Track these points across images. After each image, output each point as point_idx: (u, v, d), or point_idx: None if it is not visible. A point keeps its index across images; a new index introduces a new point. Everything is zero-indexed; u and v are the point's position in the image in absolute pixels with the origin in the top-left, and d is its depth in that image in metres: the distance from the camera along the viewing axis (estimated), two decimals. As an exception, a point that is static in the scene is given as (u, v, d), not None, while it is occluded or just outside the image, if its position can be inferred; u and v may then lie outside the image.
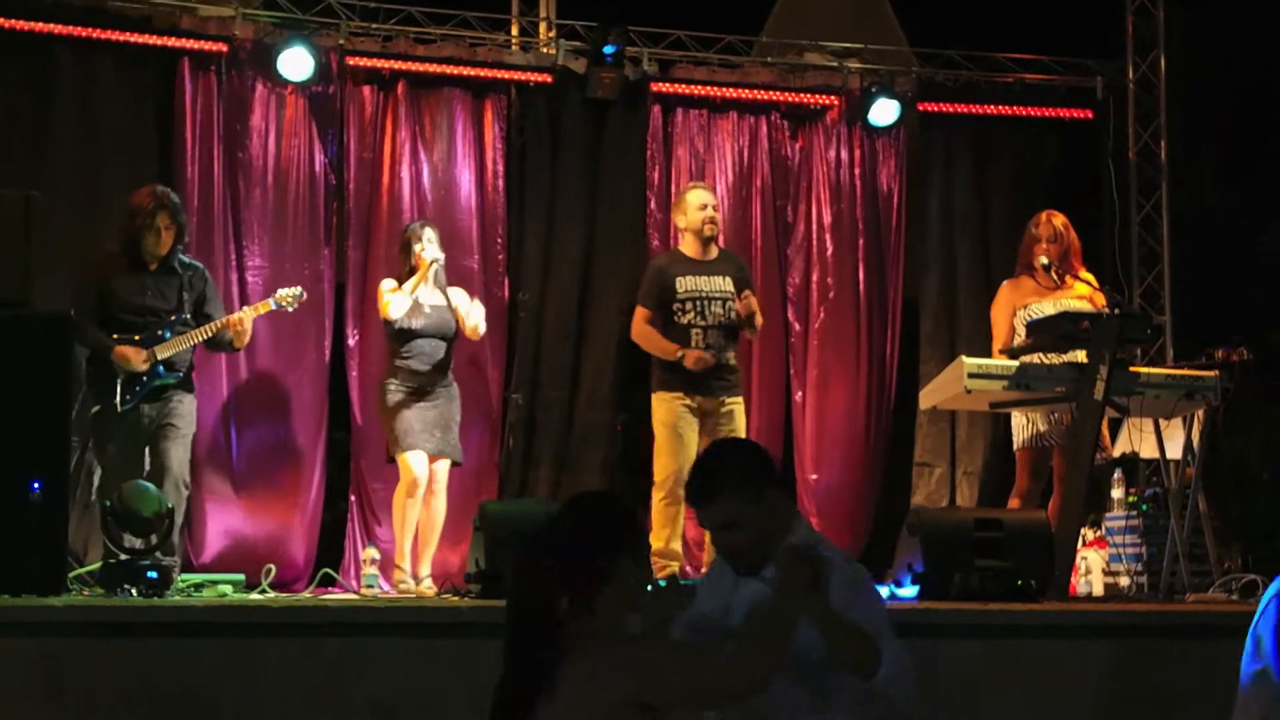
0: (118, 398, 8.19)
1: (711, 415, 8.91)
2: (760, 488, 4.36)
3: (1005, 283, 9.14)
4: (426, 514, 8.89)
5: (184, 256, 8.64)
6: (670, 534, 8.79)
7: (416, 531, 8.89)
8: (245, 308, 8.88)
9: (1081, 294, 8.84)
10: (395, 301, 8.83)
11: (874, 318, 11.07)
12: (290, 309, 8.99)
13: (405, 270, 8.98)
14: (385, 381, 8.93)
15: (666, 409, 8.93)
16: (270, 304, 8.84)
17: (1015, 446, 8.92)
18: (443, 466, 8.93)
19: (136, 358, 8.19)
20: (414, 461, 8.76)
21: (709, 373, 8.88)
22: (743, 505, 4.33)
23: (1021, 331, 8.78)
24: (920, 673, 4.52)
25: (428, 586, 8.74)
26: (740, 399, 9.10)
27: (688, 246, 9.12)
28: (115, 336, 8.24)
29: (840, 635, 4.19)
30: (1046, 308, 8.71)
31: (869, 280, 11.08)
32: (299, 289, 8.98)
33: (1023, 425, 8.81)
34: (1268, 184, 11.67)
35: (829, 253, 11.05)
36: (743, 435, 9.00)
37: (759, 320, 9.14)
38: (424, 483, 8.79)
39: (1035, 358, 8.49)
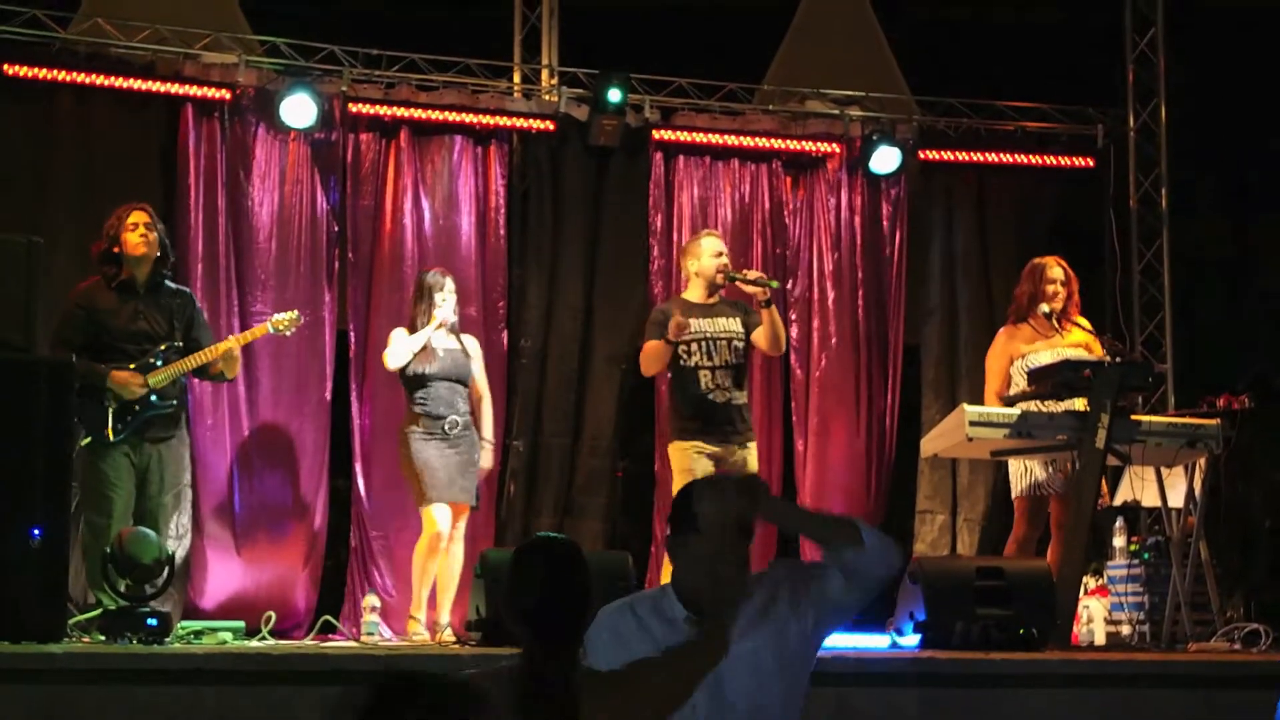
0: (109, 427, 8.16)
1: (726, 465, 8.73)
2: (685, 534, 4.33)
3: (1002, 330, 9.15)
4: (447, 562, 8.83)
5: (169, 283, 8.64)
6: None
7: (434, 581, 8.85)
8: (233, 335, 8.86)
9: (1078, 341, 8.85)
10: (392, 353, 8.83)
11: (875, 365, 11.06)
12: (287, 333, 8.96)
13: (419, 313, 8.96)
14: (406, 430, 8.87)
15: (683, 457, 8.72)
16: (267, 328, 8.82)
17: (1013, 494, 8.91)
18: (462, 514, 8.90)
19: (134, 382, 8.16)
20: (438, 515, 8.71)
21: (721, 417, 8.72)
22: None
23: (1019, 379, 8.78)
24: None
25: (449, 635, 8.66)
26: (754, 445, 8.92)
27: (693, 292, 9.01)
28: (106, 364, 8.21)
29: (814, 523, 4.53)
30: (1044, 355, 8.72)
31: (870, 327, 11.08)
32: (295, 313, 8.98)
33: (1020, 474, 8.80)
34: (1269, 232, 11.67)
35: (830, 300, 11.06)
36: None
37: (765, 275, 9.06)
38: (446, 536, 8.76)
39: (1034, 405, 8.48)
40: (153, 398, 8.25)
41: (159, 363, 8.30)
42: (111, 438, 8.16)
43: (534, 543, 4.19)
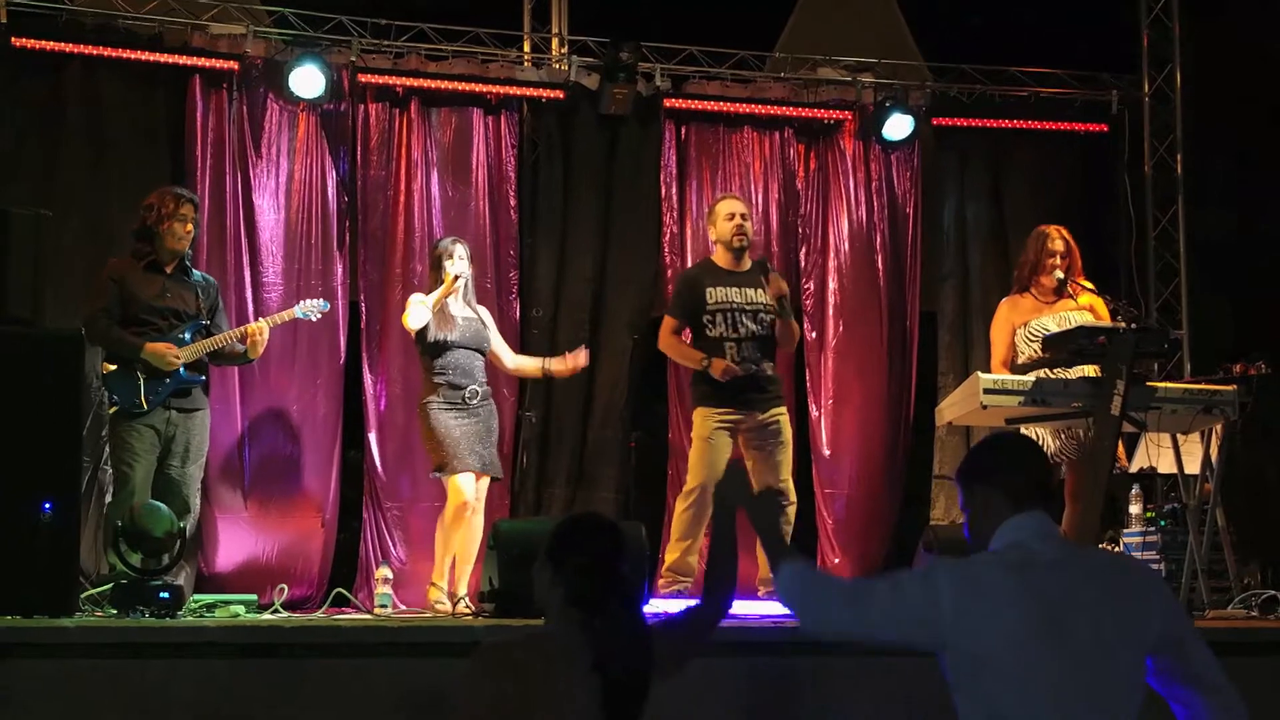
0: (141, 396, 8.17)
1: (756, 430, 8.73)
2: (969, 485, 4.39)
3: (1003, 301, 9.06)
4: (468, 532, 8.77)
5: (195, 270, 8.65)
6: (689, 546, 8.64)
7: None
8: (265, 318, 8.87)
9: (1083, 305, 8.80)
10: (413, 312, 8.77)
11: (891, 332, 11.04)
12: (314, 318, 8.99)
13: (434, 286, 8.93)
14: (426, 401, 8.78)
15: (704, 423, 8.72)
16: (295, 312, 8.86)
17: None
18: (484, 484, 8.85)
19: (169, 354, 8.17)
20: (464, 484, 8.63)
21: (748, 386, 8.71)
22: (963, 497, 4.42)
23: (1024, 347, 8.74)
24: (935, 692, 4.44)
25: (465, 605, 8.62)
26: (784, 410, 8.90)
27: (720, 258, 8.95)
28: (140, 337, 8.24)
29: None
30: (1049, 323, 8.66)
31: (885, 294, 11.06)
32: (323, 300, 9.02)
33: None
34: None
35: (845, 267, 11.03)
36: (789, 447, 8.87)
37: (786, 299, 9.05)
38: (473, 504, 8.72)
39: (1043, 373, 8.43)
40: (181, 371, 8.27)
41: (187, 337, 8.33)
42: (145, 407, 8.18)
43: (575, 518, 4.50)
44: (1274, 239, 11.50)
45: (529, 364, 9.32)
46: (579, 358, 9.25)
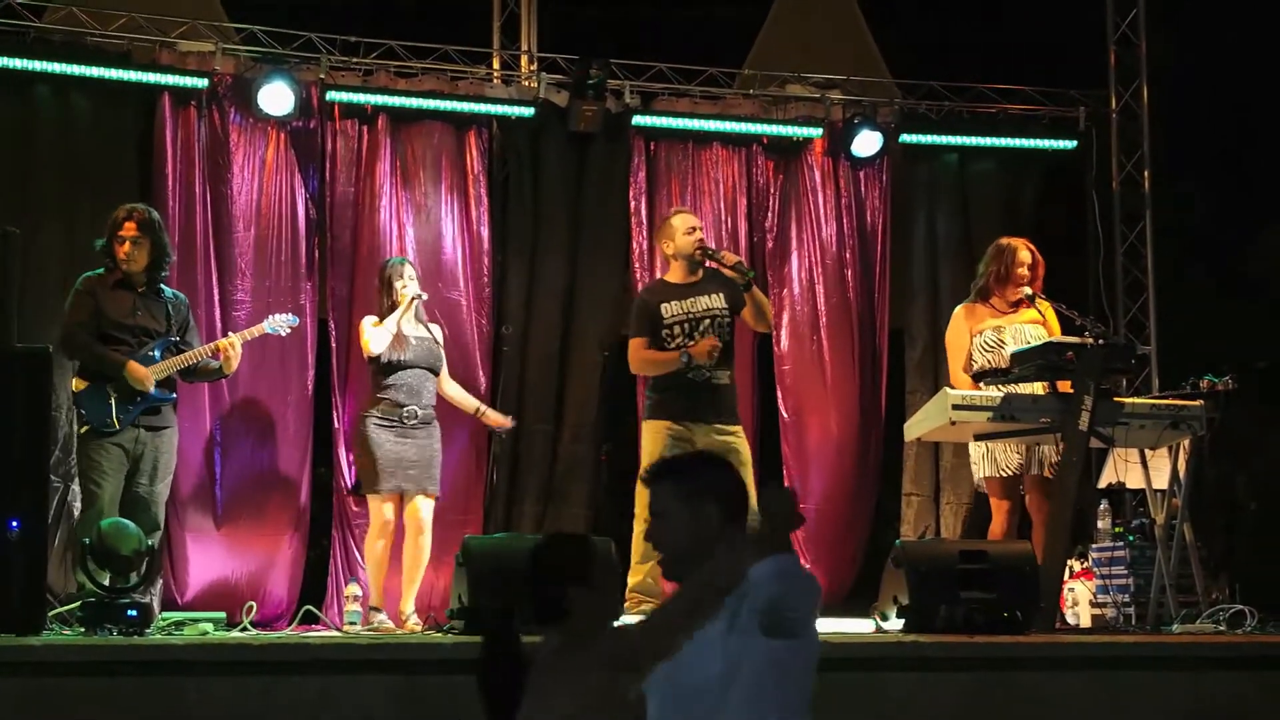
0: (113, 415, 8.15)
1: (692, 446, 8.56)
2: (700, 497, 4.27)
3: (960, 308, 9.10)
4: (412, 551, 8.78)
5: (166, 287, 8.62)
6: (651, 568, 8.58)
7: (402, 569, 8.82)
8: (235, 333, 8.86)
9: (1033, 318, 8.86)
10: (375, 337, 8.77)
11: (861, 348, 11.04)
12: (283, 333, 9.00)
13: (384, 306, 8.93)
14: (365, 414, 8.85)
15: (654, 439, 8.63)
16: (265, 327, 8.88)
17: (976, 480, 8.93)
18: (427, 504, 8.84)
19: (148, 379, 8.17)
20: (383, 505, 8.73)
21: (697, 396, 8.61)
22: (676, 503, 4.28)
23: (976, 357, 8.79)
24: (906, 706, 4.47)
25: (414, 623, 8.64)
26: (739, 429, 8.75)
27: (674, 274, 8.89)
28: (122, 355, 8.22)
29: None
30: (1004, 335, 8.74)
31: (855, 310, 11.06)
32: (291, 315, 9.04)
33: (980, 458, 8.79)
34: (1252, 212, 11.66)
35: (815, 284, 11.03)
36: (749, 467, 8.78)
37: (744, 262, 9.03)
38: (393, 524, 8.74)
39: (1011, 388, 8.46)
40: (153, 390, 8.24)
41: (157, 354, 8.31)
42: (116, 426, 8.17)
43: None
44: (1242, 253, 11.56)
45: (464, 399, 9.30)
46: (508, 421, 9.36)
